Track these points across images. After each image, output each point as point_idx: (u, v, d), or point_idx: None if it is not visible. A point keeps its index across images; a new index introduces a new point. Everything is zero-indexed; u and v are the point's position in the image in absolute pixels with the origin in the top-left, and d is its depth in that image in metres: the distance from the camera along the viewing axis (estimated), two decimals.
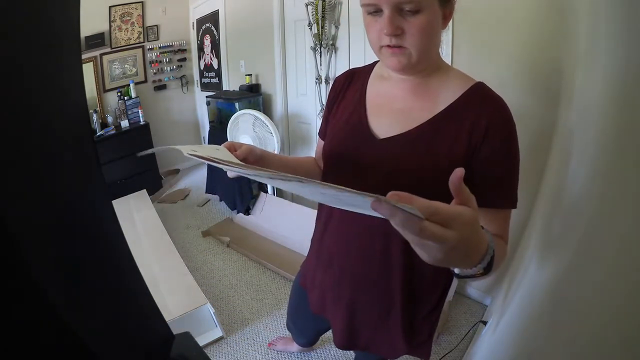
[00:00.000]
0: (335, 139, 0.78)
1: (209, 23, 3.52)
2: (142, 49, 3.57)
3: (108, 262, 0.39)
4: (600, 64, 0.72)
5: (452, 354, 1.63)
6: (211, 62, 3.65)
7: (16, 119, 0.26)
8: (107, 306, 0.37)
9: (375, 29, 0.62)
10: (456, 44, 1.69)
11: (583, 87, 0.90)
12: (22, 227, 0.25)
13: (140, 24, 3.50)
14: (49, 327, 0.28)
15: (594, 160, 0.66)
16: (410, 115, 0.70)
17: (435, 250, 0.38)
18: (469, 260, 0.43)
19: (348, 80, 0.83)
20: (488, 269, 0.46)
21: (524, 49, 1.50)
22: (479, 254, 0.44)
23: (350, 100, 0.80)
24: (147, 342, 0.44)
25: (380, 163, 0.70)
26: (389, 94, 0.74)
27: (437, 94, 0.69)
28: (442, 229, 0.36)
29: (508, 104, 0.65)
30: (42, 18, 0.30)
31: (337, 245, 0.82)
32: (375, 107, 0.75)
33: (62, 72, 0.34)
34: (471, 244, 0.41)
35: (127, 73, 3.52)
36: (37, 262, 0.26)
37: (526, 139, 1.56)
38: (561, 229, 0.79)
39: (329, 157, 0.79)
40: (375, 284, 0.80)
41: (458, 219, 0.37)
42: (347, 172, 0.75)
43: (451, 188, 0.39)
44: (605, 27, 0.70)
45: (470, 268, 0.46)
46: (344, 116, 0.78)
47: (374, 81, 0.79)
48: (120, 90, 3.41)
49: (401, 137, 0.69)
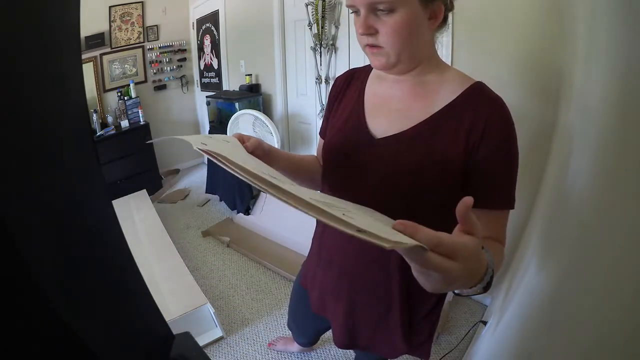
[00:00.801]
0: (334, 138, 0.78)
1: (209, 23, 3.52)
2: (142, 49, 3.57)
3: (108, 262, 0.39)
4: (600, 64, 0.72)
5: (452, 354, 1.63)
6: (211, 62, 3.65)
7: (16, 119, 0.26)
8: (107, 306, 0.37)
9: (357, 28, 0.64)
10: (456, 44, 1.69)
11: (583, 87, 0.90)
12: (22, 227, 0.25)
13: (140, 24, 3.50)
14: (49, 327, 0.28)
15: (594, 161, 0.66)
16: (407, 114, 0.70)
17: (437, 280, 0.38)
18: (469, 284, 0.43)
19: (348, 80, 0.83)
20: (487, 287, 0.45)
21: (524, 50, 1.50)
22: (479, 277, 0.43)
23: (350, 99, 0.80)
24: (147, 342, 0.44)
25: (379, 163, 0.70)
26: (387, 94, 0.74)
27: (436, 94, 0.68)
28: (446, 261, 0.36)
29: (508, 104, 0.65)
30: (42, 18, 0.30)
31: (337, 246, 0.82)
32: (373, 107, 0.75)
33: (62, 72, 0.34)
34: (473, 272, 0.41)
35: (127, 73, 3.52)
36: (37, 262, 0.26)
37: (526, 139, 1.56)
38: (561, 230, 0.79)
39: (328, 156, 0.79)
40: (375, 284, 0.80)
41: (463, 251, 0.37)
42: (346, 171, 0.76)
43: (458, 215, 0.39)
44: (605, 27, 0.70)
45: (469, 288, 0.45)
46: (343, 115, 0.79)
47: (372, 81, 0.79)
48: (120, 90, 3.41)
49: (399, 136, 0.69)
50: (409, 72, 0.70)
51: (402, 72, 0.69)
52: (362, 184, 0.72)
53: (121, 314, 0.40)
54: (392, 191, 0.69)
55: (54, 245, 0.30)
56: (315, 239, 0.92)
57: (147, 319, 0.46)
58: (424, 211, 0.64)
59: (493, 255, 0.48)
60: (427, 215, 0.57)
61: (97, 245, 0.37)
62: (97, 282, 0.36)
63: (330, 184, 0.81)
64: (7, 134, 0.25)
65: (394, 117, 0.71)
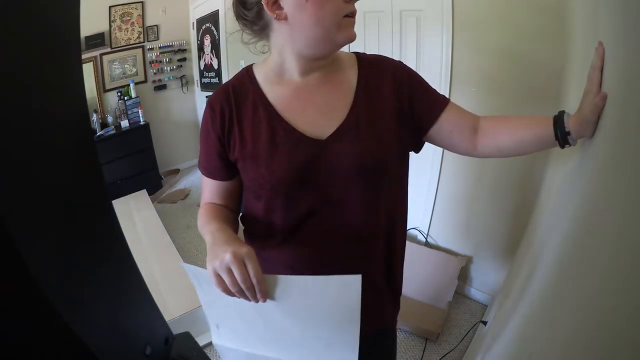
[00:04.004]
0: (275, 166, 0.67)
1: (209, 23, 3.52)
2: (142, 49, 3.57)
3: (108, 262, 0.39)
4: None
5: (452, 354, 1.63)
6: (211, 62, 3.65)
7: (16, 120, 0.26)
8: (107, 306, 0.37)
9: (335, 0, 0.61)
10: (456, 44, 1.69)
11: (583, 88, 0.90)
12: (22, 227, 0.25)
13: (140, 24, 3.50)
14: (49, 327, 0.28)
15: (594, 161, 0.66)
16: (336, 105, 0.70)
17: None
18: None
19: (232, 100, 0.70)
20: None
21: (523, 49, 1.50)
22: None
23: (255, 120, 0.69)
24: (147, 342, 0.44)
25: (338, 161, 0.67)
26: (301, 93, 0.69)
27: (341, 77, 0.72)
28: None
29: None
30: (42, 18, 0.30)
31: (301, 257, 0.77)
32: (295, 114, 0.68)
33: (62, 73, 0.34)
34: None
35: (127, 73, 3.52)
36: (37, 262, 0.26)
37: None
38: (561, 229, 0.79)
39: (281, 190, 0.69)
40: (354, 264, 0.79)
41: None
42: (310, 187, 0.68)
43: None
44: (604, 27, 0.71)
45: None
46: (262, 139, 0.67)
47: (269, 89, 0.70)
48: (120, 90, 3.41)
49: (344, 126, 0.68)
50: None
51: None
52: (327, 191, 0.69)
53: (121, 314, 0.40)
54: (360, 179, 0.70)
55: (54, 246, 0.30)
56: (279, 263, 0.77)
57: (147, 319, 0.46)
58: (390, 182, 0.74)
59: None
60: (393, 184, 0.75)
61: (97, 245, 0.38)
62: (97, 282, 0.36)
63: (289, 212, 0.71)
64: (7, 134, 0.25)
65: (326, 113, 0.69)
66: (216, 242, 0.58)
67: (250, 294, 0.54)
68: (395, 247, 0.81)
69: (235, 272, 0.53)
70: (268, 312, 0.58)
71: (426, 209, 2.06)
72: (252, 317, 0.60)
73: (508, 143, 0.69)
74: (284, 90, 0.70)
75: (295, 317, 0.59)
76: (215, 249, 0.56)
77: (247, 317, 0.61)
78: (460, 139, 0.73)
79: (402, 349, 1.69)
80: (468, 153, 0.75)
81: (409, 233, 2.18)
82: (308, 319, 0.59)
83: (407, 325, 1.74)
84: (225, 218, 0.72)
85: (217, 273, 0.54)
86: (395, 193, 0.78)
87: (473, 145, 0.72)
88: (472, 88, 1.68)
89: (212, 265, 0.54)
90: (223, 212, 0.74)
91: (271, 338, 0.64)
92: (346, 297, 0.54)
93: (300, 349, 0.63)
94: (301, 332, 0.61)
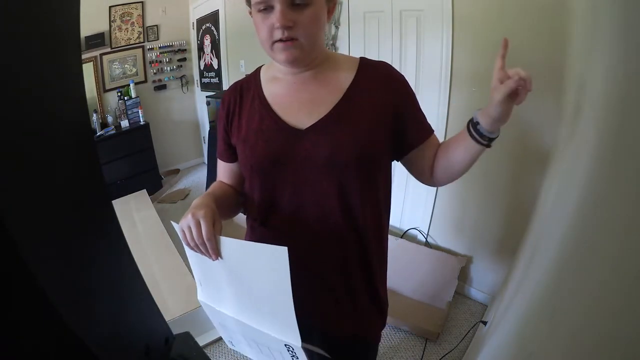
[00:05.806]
0: (258, 148, 0.75)
1: (209, 23, 3.52)
2: (142, 49, 3.57)
3: (108, 262, 0.39)
4: (599, 64, 0.72)
5: (452, 354, 1.63)
6: (211, 62, 3.65)
7: (16, 120, 0.26)
8: (107, 306, 0.37)
9: (266, 25, 0.66)
10: (456, 44, 1.69)
11: (582, 87, 0.90)
12: (22, 227, 0.25)
13: (140, 24, 3.50)
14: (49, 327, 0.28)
15: (594, 161, 0.66)
16: (321, 101, 0.73)
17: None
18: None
19: (238, 94, 0.81)
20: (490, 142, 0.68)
21: (524, 49, 1.50)
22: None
23: (252, 110, 0.78)
24: (147, 342, 0.44)
25: (315, 150, 0.71)
26: (291, 89, 0.76)
27: (336, 77, 0.75)
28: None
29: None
30: (42, 18, 0.30)
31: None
32: (283, 106, 0.75)
33: (62, 72, 0.34)
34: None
35: (127, 73, 3.51)
36: (37, 262, 0.26)
37: (526, 140, 1.56)
38: (561, 229, 0.79)
39: (258, 169, 0.76)
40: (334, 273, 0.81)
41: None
42: (285, 173, 0.74)
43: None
44: (604, 27, 0.71)
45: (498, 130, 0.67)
46: (253, 125, 0.76)
47: (267, 85, 0.79)
48: (120, 90, 3.41)
49: (325, 120, 0.72)
50: (312, 62, 0.73)
51: (307, 64, 0.73)
52: (301, 179, 0.73)
53: (121, 314, 0.40)
54: (333, 172, 0.72)
55: (54, 246, 0.30)
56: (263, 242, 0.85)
57: (147, 319, 0.46)
58: (365, 185, 0.75)
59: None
60: (369, 191, 0.76)
61: (97, 245, 0.38)
62: (97, 282, 0.36)
63: (266, 193, 0.78)
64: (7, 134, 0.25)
65: (309, 107, 0.74)
66: (192, 204, 0.68)
67: (204, 250, 0.63)
68: (369, 257, 0.80)
69: (192, 230, 0.62)
70: (228, 272, 0.65)
71: (426, 208, 2.06)
72: (220, 277, 0.67)
73: (442, 162, 0.78)
74: (278, 87, 0.78)
75: (240, 280, 0.65)
76: (188, 210, 0.66)
77: (215, 277, 0.68)
78: (429, 168, 0.81)
79: (402, 349, 1.69)
80: (428, 182, 0.84)
81: (409, 233, 2.18)
82: (252, 284, 0.64)
83: (407, 325, 1.74)
84: (222, 193, 0.82)
85: (182, 229, 0.64)
86: (371, 200, 0.78)
87: (432, 173, 0.81)
88: (472, 88, 1.68)
89: (180, 222, 0.65)
90: (223, 187, 0.85)
91: (232, 298, 0.69)
92: (275, 267, 0.58)
93: (254, 313, 0.67)
94: (248, 295, 0.66)
